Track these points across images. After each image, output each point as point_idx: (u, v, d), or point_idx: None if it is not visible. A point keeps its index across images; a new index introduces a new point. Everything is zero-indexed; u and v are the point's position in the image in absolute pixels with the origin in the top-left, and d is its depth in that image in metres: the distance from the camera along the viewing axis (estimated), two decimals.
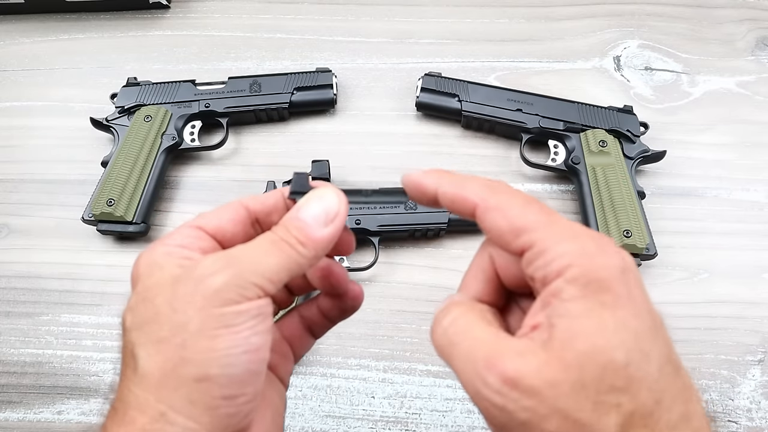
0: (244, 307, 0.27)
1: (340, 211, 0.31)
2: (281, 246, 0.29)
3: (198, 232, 0.31)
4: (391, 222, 0.67)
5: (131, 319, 0.29)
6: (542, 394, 0.24)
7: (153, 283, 0.29)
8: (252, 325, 0.28)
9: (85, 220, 0.69)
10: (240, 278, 0.28)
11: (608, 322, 0.24)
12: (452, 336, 0.28)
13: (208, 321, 0.27)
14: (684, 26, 0.87)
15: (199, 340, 0.27)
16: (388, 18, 0.89)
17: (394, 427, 0.61)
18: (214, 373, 0.27)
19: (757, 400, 0.62)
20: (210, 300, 0.27)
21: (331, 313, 0.37)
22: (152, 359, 0.27)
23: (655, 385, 0.24)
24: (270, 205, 0.33)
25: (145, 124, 0.73)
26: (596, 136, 0.71)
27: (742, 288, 0.67)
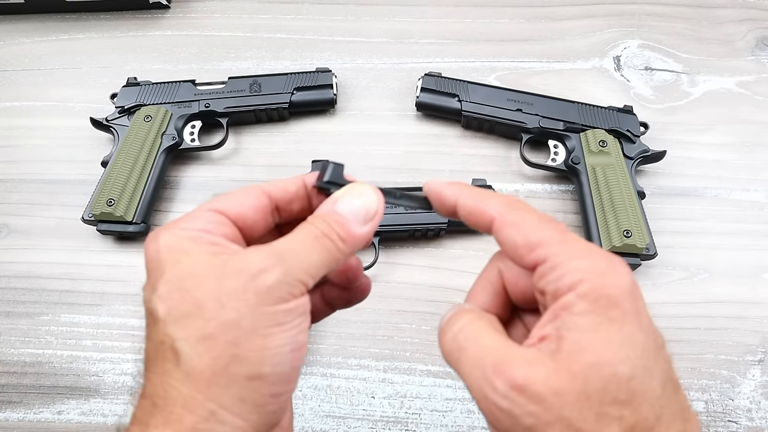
0: (292, 304, 0.28)
1: (379, 211, 0.31)
2: (324, 242, 0.29)
3: (220, 217, 0.30)
4: (391, 222, 0.67)
5: (165, 310, 0.27)
6: (548, 402, 0.24)
7: (186, 271, 0.28)
8: (299, 323, 0.28)
9: (85, 220, 0.69)
10: (289, 275, 0.28)
11: (615, 337, 0.25)
12: (461, 341, 0.28)
13: (261, 319, 0.27)
14: (684, 26, 0.87)
15: (252, 338, 0.26)
16: (388, 18, 0.89)
17: (394, 427, 0.61)
18: (266, 372, 0.27)
19: (757, 400, 0.62)
20: (263, 298, 0.27)
21: (337, 301, 0.37)
22: (200, 357, 0.26)
23: (657, 401, 0.25)
24: (292, 192, 0.33)
25: (145, 124, 0.73)
26: (596, 136, 0.71)
27: (742, 288, 0.67)
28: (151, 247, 0.29)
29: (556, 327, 0.26)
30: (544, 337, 0.27)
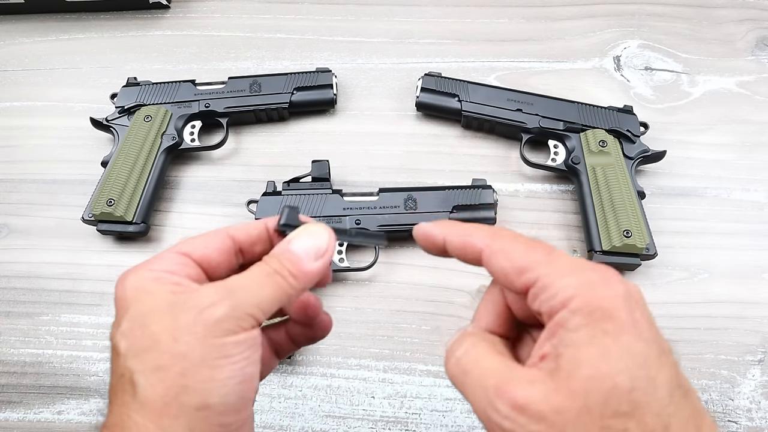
0: (241, 337, 0.29)
1: (330, 247, 0.33)
2: (275, 278, 0.31)
3: (185, 259, 0.32)
4: (391, 222, 0.67)
5: (126, 345, 0.29)
6: (549, 420, 0.25)
7: (147, 309, 0.30)
8: (248, 356, 0.29)
9: (85, 220, 0.69)
10: (238, 309, 0.29)
11: (612, 349, 0.25)
12: (465, 365, 0.29)
13: (210, 351, 0.28)
14: (684, 26, 0.87)
15: (200, 370, 0.28)
16: (388, 18, 0.89)
17: (394, 427, 0.61)
18: (213, 402, 0.28)
19: (757, 400, 0.62)
20: (211, 330, 0.28)
21: (299, 338, 0.39)
22: (153, 387, 0.28)
23: (664, 410, 0.25)
24: (255, 236, 0.35)
25: (145, 124, 0.73)
26: (596, 136, 0.71)
27: (742, 288, 0.67)
28: (119, 288, 0.32)
29: (554, 344, 0.27)
30: (544, 356, 0.27)
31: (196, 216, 0.74)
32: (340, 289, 0.68)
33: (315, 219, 0.35)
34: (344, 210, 0.68)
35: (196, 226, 0.73)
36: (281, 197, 0.69)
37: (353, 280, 0.69)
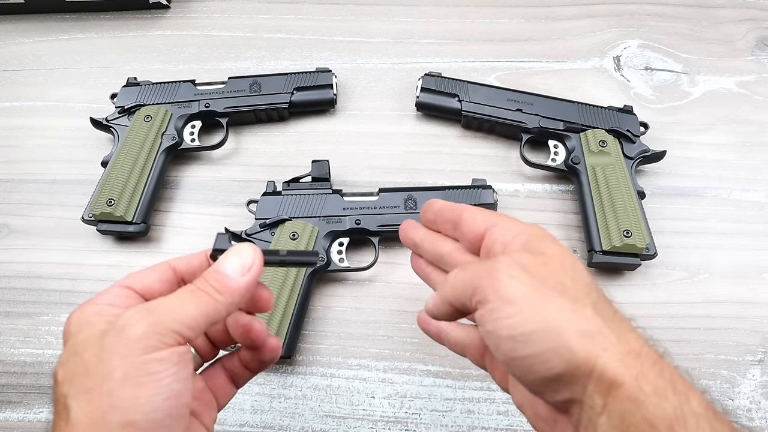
0: (165, 354, 0.30)
1: (255, 263, 0.34)
2: (198, 294, 0.32)
3: (127, 291, 0.34)
4: (391, 222, 0.67)
5: (63, 374, 0.31)
6: None
7: (82, 338, 0.31)
8: (173, 372, 0.30)
9: (85, 220, 0.69)
10: (159, 326, 0.30)
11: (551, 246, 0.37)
12: None
13: (132, 369, 0.29)
14: (684, 26, 0.87)
15: (124, 388, 0.29)
16: (388, 18, 0.89)
17: (394, 427, 0.61)
18: (138, 419, 0.29)
19: (757, 400, 0.62)
20: (132, 348, 0.29)
21: (251, 364, 0.40)
22: (82, 409, 0.29)
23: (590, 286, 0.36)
24: (195, 265, 0.37)
25: (145, 124, 0.73)
26: (596, 136, 0.71)
27: (742, 288, 0.67)
28: (66, 323, 0.33)
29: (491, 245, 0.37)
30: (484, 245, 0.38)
31: (196, 216, 0.74)
32: (340, 289, 0.68)
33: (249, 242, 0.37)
34: (344, 210, 0.68)
35: (196, 226, 0.73)
36: (281, 197, 0.69)
37: (353, 280, 0.69)
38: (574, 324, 0.31)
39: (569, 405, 0.33)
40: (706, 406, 0.30)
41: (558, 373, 0.31)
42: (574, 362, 0.30)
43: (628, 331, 0.32)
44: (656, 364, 0.31)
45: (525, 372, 0.32)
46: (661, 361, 0.32)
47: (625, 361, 0.30)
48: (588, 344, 0.31)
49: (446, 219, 0.41)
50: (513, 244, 0.36)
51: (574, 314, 0.32)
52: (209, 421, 0.38)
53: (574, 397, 0.31)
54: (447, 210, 0.41)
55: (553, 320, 0.31)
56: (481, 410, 0.61)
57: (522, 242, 0.35)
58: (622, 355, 0.30)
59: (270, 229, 0.66)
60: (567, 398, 0.32)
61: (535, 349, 0.31)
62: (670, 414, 0.29)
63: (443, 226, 0.42)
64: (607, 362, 0.30)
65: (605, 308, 0.33)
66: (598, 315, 0.32)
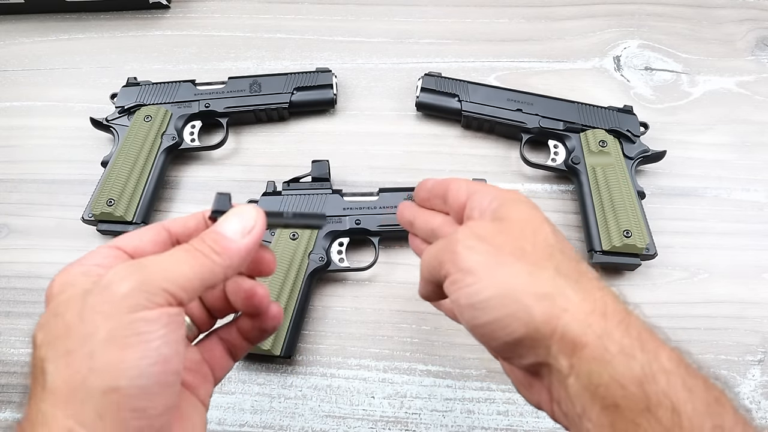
0: (154, 314, 0.27)
1: (257, 224, 0.32)
2: (194, 255, 0.30)
3: (116, 252, 0.32)
4: (391, 222, 0.67)
5: (42, 337, 0.28)
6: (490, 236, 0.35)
7: (64, 299, 0.29)
8: (163, 335, 0.27)
9: (85, 220, 0.69)
10: (148, 284, 0.27)
11: None
12: None
13: (117, 329, 0.26)
14: (684, 26, 0.87)
15: (107, 350, 0.26)
16: (388, 18, 0.89)
17: (394, 427, 0.61)
18: (123, 385, 0.26)
19: (757, 400, 0.62)
20: (117, 306, 0.27)
21: (251, 334, 0.38)
22: (60, 373, 0.26)
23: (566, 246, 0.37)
24: (191, 227, 0.35)
25: (145, 124, 0.73)
26: (596, 136, 0.71)
27: (742, 288, 0.67)
28: (49, 285, 0.31)
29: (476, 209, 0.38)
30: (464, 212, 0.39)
31: None
32: (340, 289, 0.68)
33: None
34: (344, 210, 0.68)
35: None
36: (281, 197, 0.69)
37: (353, 280, 0.69)
38: (531, 287, 0.31)
39: (538, 368, 0.33)
40: (678, 361, 0.30)
41: (518, 338, 0.31)
42: (533, 325, 0.30)
43: (595, 290, 0.32)
44: (622, 323, 0.30)
45: (488, 338, 0.33)
46: (628, 318, 0.31)
47: (588, 321, 0.30)
48: (546, 306, 0.30)
49: (437, 194, 0.42)
50: (487, 211, 0.36)
51: (531, 277, 0.32)
52: (205, 395, 0.36)
53: (540, 360, 0.31)
54: (437, 185, 0.42)
55: (510, 285, 0.31)
56: (481, 410, 0.61)
57: (494, 208, 0.36)
58: (585, 315, 0.30)
59: (270, 230, 0.66)
60: (533, 362, 0.32)
61: (494, 315, 0.31)
62: (639, 373, 0.29)
63: (434, 202, 0.42)
64: (568, 323, 0.30)
65: (570, 269, 0.33)
66: (560, 276, 0.32)
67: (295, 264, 0.64)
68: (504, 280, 0.31)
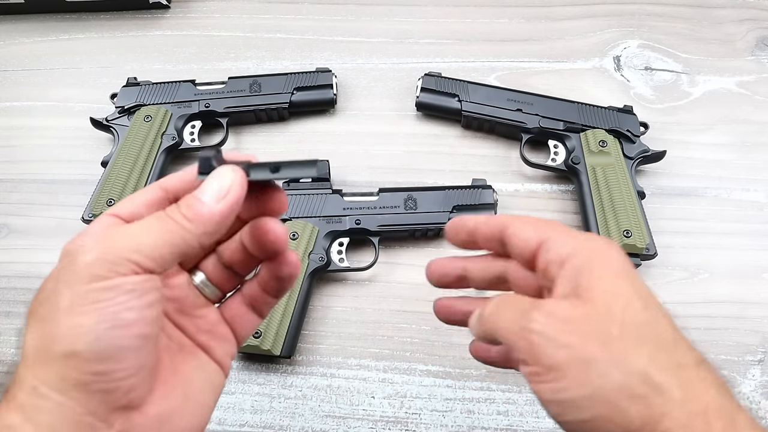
0: (113, 282, 0.27)
1: (233, 186, 0.30)
2: (165, 222, 0.29)
3: (113, 219, 0.31)
4: (391, 222, 0.67)
5: (31, 307, 0.30)
6: (575, 321, 0.30)
7: (53, 270, 0.30)
8: (123, 301, 0.27)
9: (85, 220, 0.69)
10: (111, 254, 0.28)
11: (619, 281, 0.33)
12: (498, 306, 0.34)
13: (77, 298, 0.27)
14: (684, 26, 0.87)
15: (68, 317, 0.27)
16: (388, 18, 0.89)
17: (394, 427, 0.61)
18: (80, 349, 0.27)
19: (757, 400, 0.62)
20: (78, 276, 0.28)
21: (270, 284, 0.36)
22: (31, 337, 0.29)
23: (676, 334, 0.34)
24: (188, 181, 0.33)
25: (145, 124, 0.73)
26: (596, 136, 0.71)
27: (742, 288, 0.67)
28: None
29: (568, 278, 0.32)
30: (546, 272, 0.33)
31: None
32: (340, 289, 0.68)
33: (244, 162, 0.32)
34: (344, 210, 0.68)
35: None
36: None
37: (353, 280, 0.69)
38: (623, 385, 0.28)
39: None
40: None
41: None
42: (629, 430, 0.27)
43: (695, 382, 0.29)
44: (728, 428, 0.28)
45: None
46: (734, 418, 0.28)
47: (692, 426, 0.27)
48: (642, 409, 0.27)
49: (487, 238, 0.37)
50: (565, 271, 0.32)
51: (622, 372, 0.28)
52: (223, 356, 0.35)
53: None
54: (484, 226, 0.37)
55: (600, 384, 0.28)
56: (481, 410, 0.61)
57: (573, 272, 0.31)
58: (686, 417, 0.27)
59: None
60: None
61: (583, 416, 0.28)
62: None
63: (487, 245, 0.38)
64: (668, 429, 0.27)
65: (666, 356, 0.29)
66: (655, 366, 0.28)
67: None
68: (592, 378, 0.28)
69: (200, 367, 0.34)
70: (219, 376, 0.35)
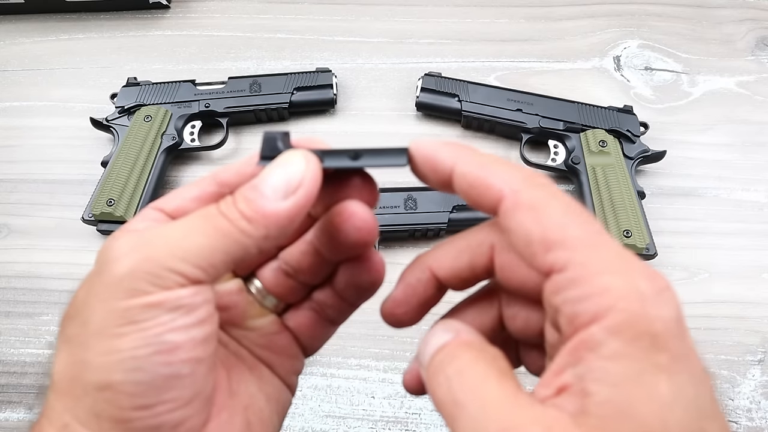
0: (154, 298, 0.22)
1: (306, 179, 0.24)
2: (217, 222, 0.23)
3: (158, 214, 0.26)
4: (391, 222, 0.67)
5: (61, 321, 0.25)
6: None
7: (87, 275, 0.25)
8: (167, 321, 0.22)
9: (85, 220, 0.69)
10: (151, 263, 0.22)
11: (664, 393, 0.19)
12: (457, 392, 0.21)
13: (110, 317, 0.22)
14: (684, 26, 0.87)
15: (101, 340, 0.22)
16: (388, 18, 0.89)
17: (394, 427, 0.61)
18: (117, 380, 0.22)
19: (757, 400, 0.62)
20: (112, 290, 0.22)
21: (347, 291, 0.30)
22: (60, 361, 0.24)
23: None
24: (247, 174, 0.26)
25: (145, 124, 0.73)
26: (596, 136, 0.71)
27: (742, 288, 0.67)
28: None
29: (580, 375, 0.20)
30: (563, 387, 0.20)
31: None
32: None
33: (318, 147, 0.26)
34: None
35: None
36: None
37: None
38: None
39: None
40: None
41: None
42: None
43: None
44: None
45: None
46: None
47: None
48: None
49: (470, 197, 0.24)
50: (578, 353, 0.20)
51: None
52: (287, 371, 0.30)
53: None
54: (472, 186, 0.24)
55: None
56: None
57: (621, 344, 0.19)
58: None
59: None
60: None
61: None
62: None
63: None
64: None
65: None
66: None
67: None
68: None
69: (262, 386, 0.29)
70: (285, 395, 0.30)
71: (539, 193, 0.22)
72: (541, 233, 0.21)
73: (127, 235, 0.24)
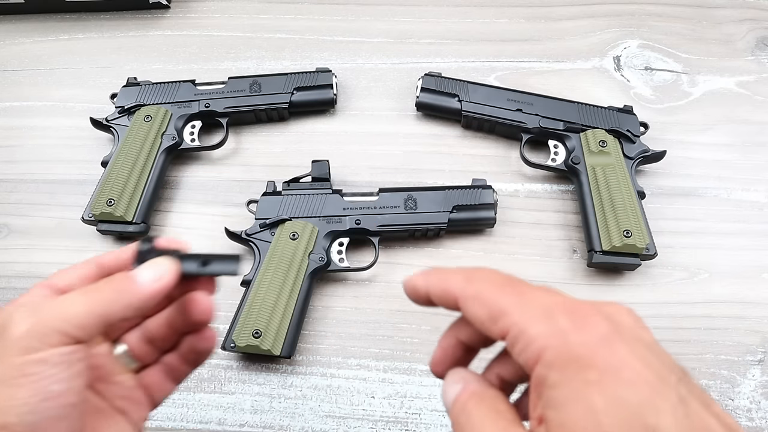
0: (44, 354, 0.29)
1: (166, 275, 0.33)
2: (94, 293, 0.31)
3: (45, 291, 0.33)
4: (391, 222, 0.67)
5: None
6: None
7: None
8: (53, 374, 0.29)
9: (85, 220, 0.69)
10: (42, 325, 0.29)
11: (597, 403, 0.23)
12: (464, 425, 0.29)
13: (10, 370, 0.29)
14: (684, 26, 0.87)
15: (1, 390, 0.28)
16: (388, 18, 0.89)
17: (394, 427, 0.61)
18: (12, 422, 0.28)
19: (757, 400, 0.62)
20: (11, 349, 0.29)
21: (189, 355, 0.38)
22: None
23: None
24: (124, 260, 0.35)
25: (145, 124, 0.73)
26: (596, 136, 0.71)
27: (742, 288, 0.67)
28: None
29: (543, 406, 0.25)
30: (540, 419, 0.25)
31: (196, 216, 0.74)
32: (340, 289, 0.68)
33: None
34: (344, 210, 0.68)
35: (196, 226, 0.73)
36: (281, 197, 0.69)
37: (353, 280, 0.69)
38: None
39: None
40: None
41: None
42: None
43: None
44: None
45: None
46: None
47: None
48: None
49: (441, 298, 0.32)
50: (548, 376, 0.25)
51: None
52: (138, 419, 0.37)
53: None
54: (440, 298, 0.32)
55: None
56: None
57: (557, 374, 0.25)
58: None
59: (270, 229, 0.67)
60: None
61: None
62: None
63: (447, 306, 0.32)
64: None
65: None
66: None
67: (295, 264, 0.64)
68: None
69: (119, 429, 0.36)
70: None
71: (476, 285, 0.29)
72: (487, 313, 0.28)
73: (22, 307, 0.31)
